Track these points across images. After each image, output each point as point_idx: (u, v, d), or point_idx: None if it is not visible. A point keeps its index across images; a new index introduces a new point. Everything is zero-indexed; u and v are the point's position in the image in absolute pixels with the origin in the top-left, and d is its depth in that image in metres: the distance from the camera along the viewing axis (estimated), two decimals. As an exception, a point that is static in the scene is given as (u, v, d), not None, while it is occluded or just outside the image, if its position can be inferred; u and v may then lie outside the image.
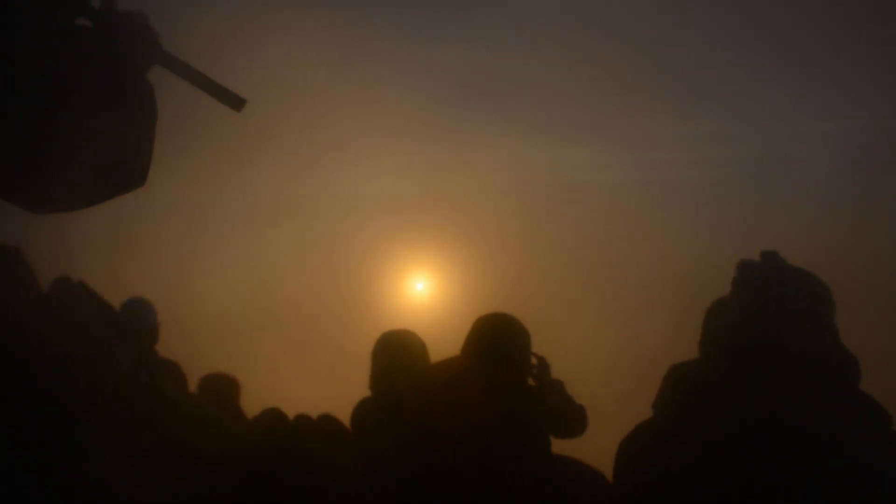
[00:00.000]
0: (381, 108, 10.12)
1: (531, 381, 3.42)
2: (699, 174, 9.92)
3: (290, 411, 4.24)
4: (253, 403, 5.34)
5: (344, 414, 4.03)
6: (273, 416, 4.36)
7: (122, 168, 1.71)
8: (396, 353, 3.97)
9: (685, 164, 10.04)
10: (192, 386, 5.18)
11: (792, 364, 2.47)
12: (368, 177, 10.48)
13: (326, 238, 10.18)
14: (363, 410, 3.94)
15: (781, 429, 2.42)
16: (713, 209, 9.88)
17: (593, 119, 10.16)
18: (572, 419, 3.38)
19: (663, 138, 10.17)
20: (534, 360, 3.44)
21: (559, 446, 3.51)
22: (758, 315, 2.56)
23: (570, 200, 10.41)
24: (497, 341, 3.42)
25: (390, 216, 10.29)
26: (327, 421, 4.02)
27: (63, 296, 4.55)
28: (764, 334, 2.50)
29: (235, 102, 1.87)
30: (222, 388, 5.11)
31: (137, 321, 4.89)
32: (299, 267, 9.95)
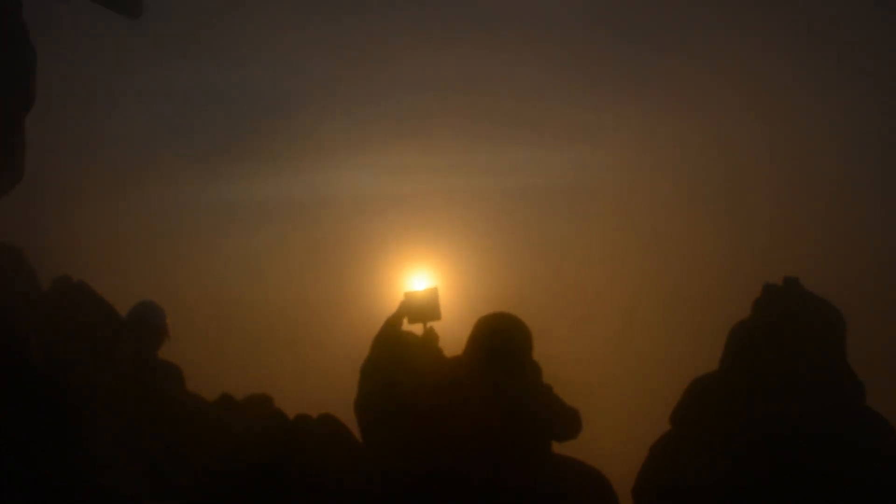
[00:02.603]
0: (385, 109, 10.12)
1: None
2: (702, 174, 9.91)
3: (290, 411, 4.23)
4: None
5: (344, 414, 4.02)
6: (273, 416, 4.35)
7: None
8: (398, 350, 3.97)
9: (689, 165, 10.03)
10: (194, 386, 5.17)
11: (800, 378, 2.60)
12: (370, 177, 10.48)
13: (327, 238, 10.17)
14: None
15: (790, 437, 2.54)
16: (715, 209, 9.87)
17: (596, 120, 10.15)
18: (565, 423, 3.37)
19: (665, 139, 10.16)
20: None
21: (560, 446, 3.50)
22: (774, 334, 2.69)
23: (573, 201, 10.41)
24: (499, 341, 3.42)
25: (392, 216, 10.29)
26: (327, 421, 4.01)
27: (63, 296, 4.56)
28: (778, 351, 2.64)
29: (131, 6, 1.61)
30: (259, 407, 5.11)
31: (146, 322, 4.89)
32: (300, 266, 9.94)
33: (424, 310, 4.01)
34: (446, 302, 4.10)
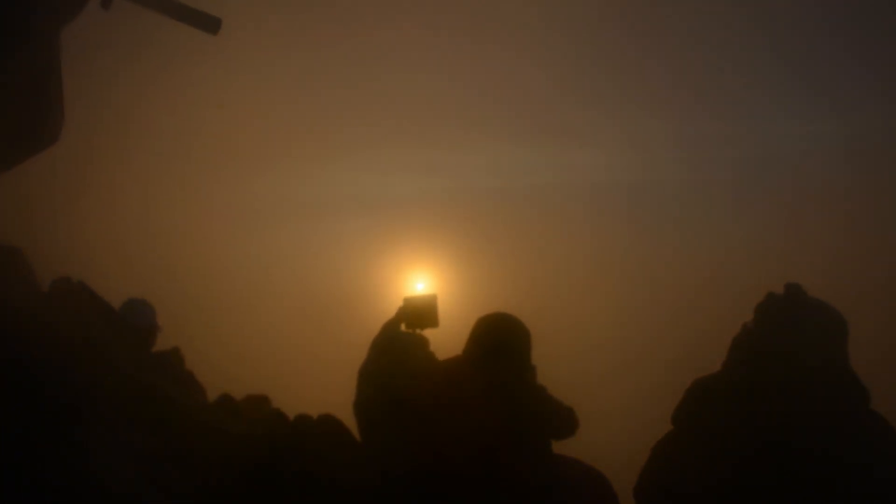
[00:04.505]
0: (385, 110, 10.11)
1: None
2: (700, 175, 9.92)
3: (290, 411, 4.23)
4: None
5: (344, 414, 4.02)
6: (273, 417, 4.35)
7: (35, 126, 1.61)
8: (397, 352, 3.97)
9: (687, 165, 10.04)
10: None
11: (802, 381, 2.63)
12: (369, 178, 10.48)
13: (326, 239, 10.17)
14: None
15: (792, 440, 2.56)
16: (712, 210, 9.88)
17: (592, 121, 10.16)
18: (559, 422, 3.38)
19: (664, 139, 10.17)
20: None
21: (560, 446, 3.51)
22: (775, 338, 2.75)
23: (571, 201, 10.41)
24: (498, 341, 3.42)
25: (391, 216, 10.29)
26: (327, 421, 4.01)
27: (63, 296, 4.56)
28: (780, 355, 2.67)
29: (210, 25, 1.66)
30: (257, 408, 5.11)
31: (135, 321, 4.89)
32: (300, 267, 9.95)
33: (422, 316, 4.02)
34: (446, 303, 4.11)
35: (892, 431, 2.64)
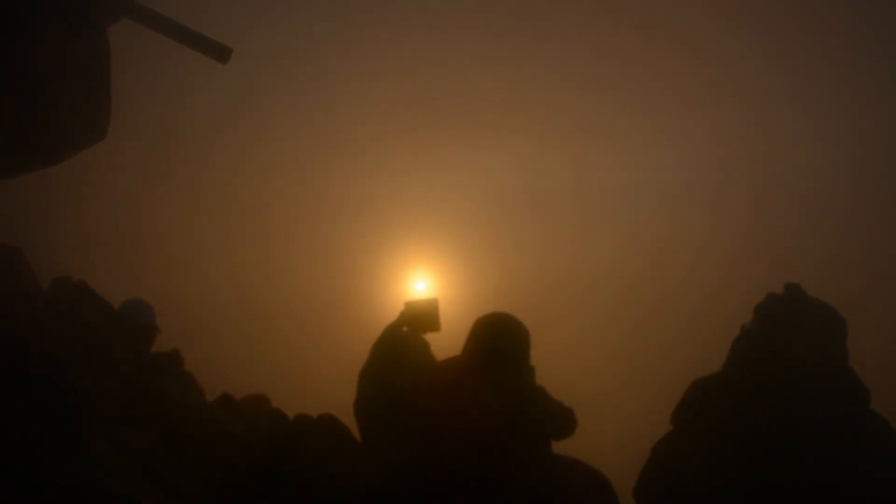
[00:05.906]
0: (385, 111, 10.11)
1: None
2: (701, 174, 9.92)
3: (290, 411, 4.24)
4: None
5: (344, 414, 4.03)
6: (273, 416, 4.35)
7: (86, 121, 1.64)
8: (398, 353, 3.97)
9: (686, 165, 10.03)
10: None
11: (801, 381, 2.64)
12: (369, 179, 10.48)
13: (327, 239, 10.16)
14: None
15: (792, 440, 2.57)
16: (713, 208, 9.87)
17: (594, 120, 10.16)
18: (558, 422, 3.38)
19: (664, 138, 10.16)
20: None
21: (560, 446, 3.50)
22: (775, 338, 2.77)
23: (572, 201, 10.41)
24: (497, 341, 3.42)
25: (391, 216, 10.28)
26: (327, 421, 4.02)
27: (63, 296, 4.56)
28: (780, 355, 2.68)
29: (221, 53, 1.67)
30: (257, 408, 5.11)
31: (135, 321, 4.89)
32: (299, 268, 9.94)
33: (424, 320, 4.02)
34: (445, 302, 4.11)
35: (892, 432, 2.64)
